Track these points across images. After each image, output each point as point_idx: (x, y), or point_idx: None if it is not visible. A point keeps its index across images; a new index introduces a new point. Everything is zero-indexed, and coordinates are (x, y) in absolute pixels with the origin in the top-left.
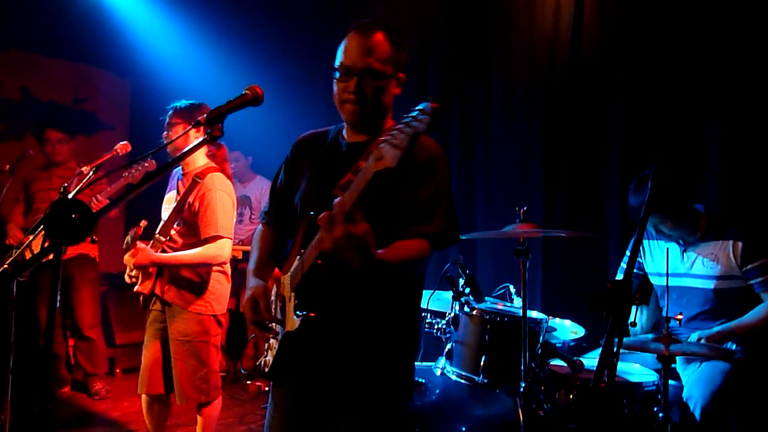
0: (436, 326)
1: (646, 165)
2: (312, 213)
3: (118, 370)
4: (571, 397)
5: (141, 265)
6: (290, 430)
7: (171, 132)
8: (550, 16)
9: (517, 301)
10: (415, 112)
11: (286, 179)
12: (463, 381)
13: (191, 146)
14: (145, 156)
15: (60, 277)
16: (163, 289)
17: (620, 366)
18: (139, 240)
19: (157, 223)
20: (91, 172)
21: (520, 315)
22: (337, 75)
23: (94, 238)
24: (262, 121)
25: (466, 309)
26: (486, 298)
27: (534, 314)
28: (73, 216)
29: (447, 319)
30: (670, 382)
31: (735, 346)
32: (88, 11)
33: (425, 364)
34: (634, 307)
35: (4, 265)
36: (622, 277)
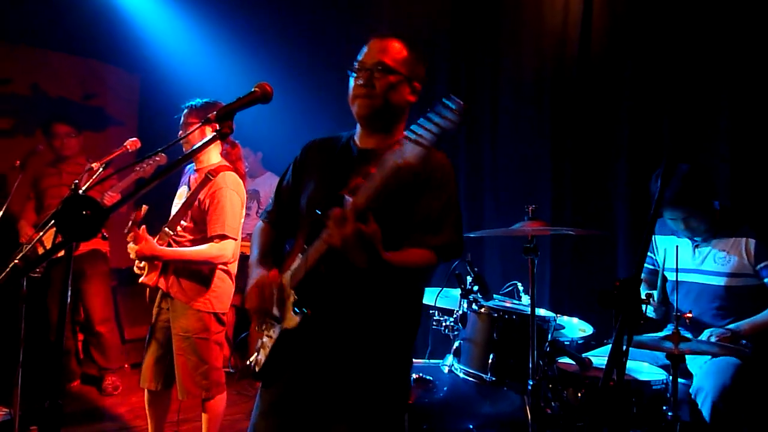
0: (444, 324)
1: (655, 162)
2: (318, 212)
3: (127, 365)
4: (580, 395)
5: (143, 256)
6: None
7: (186, 130)
8: (559, 14)
9: (525, 299)
10: (440, 108)
11: (294, 180)
12: (471, 379)
13: (201, 143)
14: (157, 152)
15: (71, 272)
16: (168, 283)
17: (629, 364)
18: (144, 229)
19: (168, 217)
20: (101, 168)
21: (528, 313)
22: (353, 75)
23: (105, 235)
24: (272, 118)
25: (474, 306)
26: (494, 295)
27: (542, 312)
28: (84, 212)
29: (455, 316)
30: (680, 380)
31: (745, 342)
32: (98, 7)
33: (433, 361)
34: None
35: (15, 261)
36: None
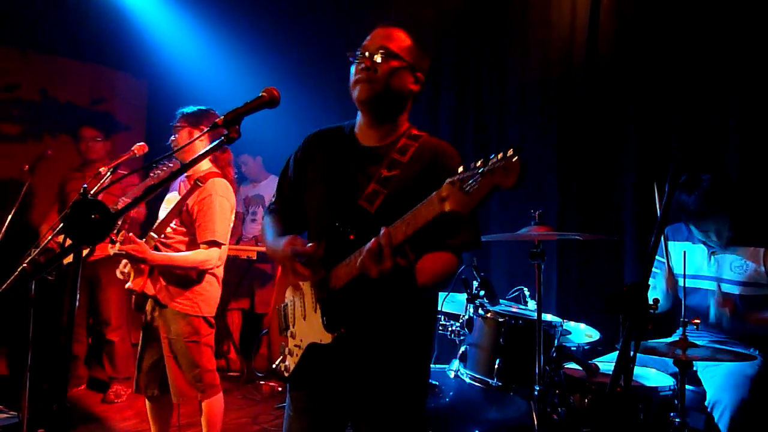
0: (450, 328)
1: (663, 166)
2: (338, 224)
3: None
4: (586, 401)
5: (134, 258)
6: (311, 431)
7: (177, 136)
8: (566, 18)
9: (532, 304)
10: (495, 160)
11: (296, 174)
12: (477, 384)
13: (207, 149)
14: (164, 157)
15: (79, 277)
16: (155, 288)
17: (636, 370)
18: (131, 234)
19: (154, 221)
20: (109, 173)
21: (535, 318)
22: (355, 60)
23: (114, 239)
24: (273, 122)
25: (481, 311)
26: (500, 300)
27: (548, 317)
28: (93, 216)
29: (461, 321)
30: (687, 386)
31: (753, 350)
32: (106, 13)
33: (439, 366)
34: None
35: (24, 265)
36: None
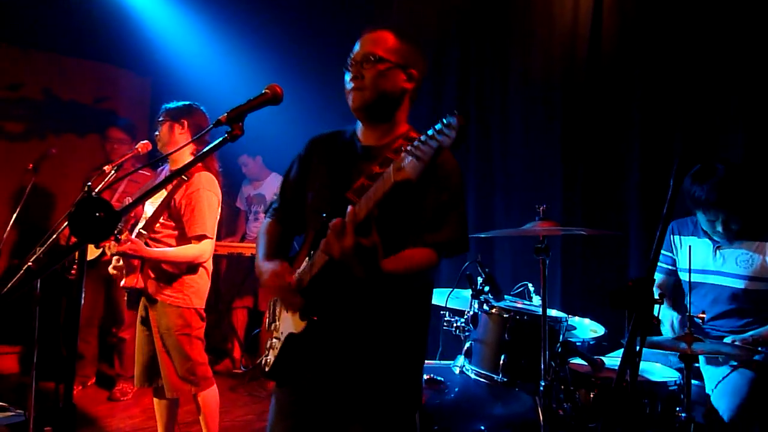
0: (455, 324)
1: (667, 161)
2: (324, 215)
3: None
4: (592, 396)
5: (130, 254)
6: None
7: (160, 130)
8: (569, 14)
9: (536, 299)
10: (440, 125)
11: (299, 176)
12: (482, 379)
13: (211, 145)
14: (164, 156)
15: (84, 275)
16: (146, 283)
17: (642, 365)
18: (126, 232)
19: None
20: (113, 171)
21: (540, 313)
22: (347, 72)
23: (119, 237)
24: (274, 120)
25: (485, 307)
26: (505, 296)
27: (553, 313)
28: (98, 214)
29: (466, 317)
30: (693, 381)
31: (761, 349)
32: (109, 11)
33: (444, 362)
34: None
35: (29, 263)
36: (661, 280)
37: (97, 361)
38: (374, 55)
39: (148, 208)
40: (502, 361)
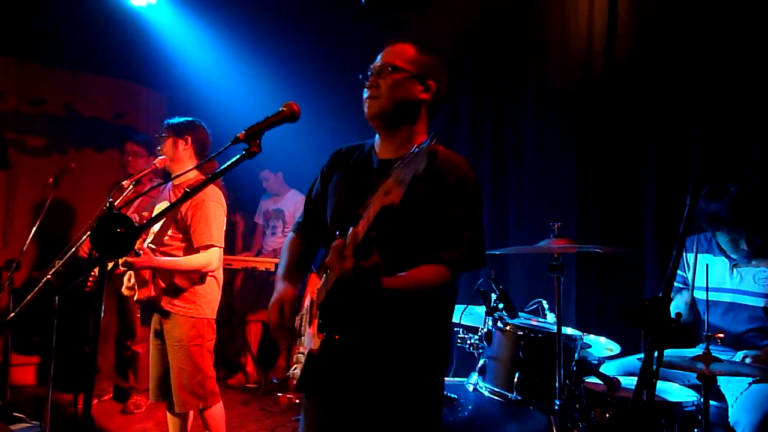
0: (468, 341)
1: (684, 177)
2: (338, 233)
3: None
4: (608, 416)
5: (141, 266)
6: None
7: (162, 146)
8: (584, 27)
9: (551, 317)
10: (415, 149)
11: (321, 189)
12: (496, 397)
13: (230, 162)
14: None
15: (104, 289)
16: (158, 296)
17: (659, 385)
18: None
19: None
20: (131, 186)
21: (554, 331)
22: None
23: (138, 251)
24: (295, 137)
25: (500, 324)
26: (519, 313)
27: (568, 330)
28: (119, 230)
29: (480, 334)
30: (712, 402)
31: None
32: (128, 29)
33: (457, 379)
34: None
35: (48, 276)
36: (679, 300)
37: (114, 374)
38: (391, 65)
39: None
40: (516, 379)
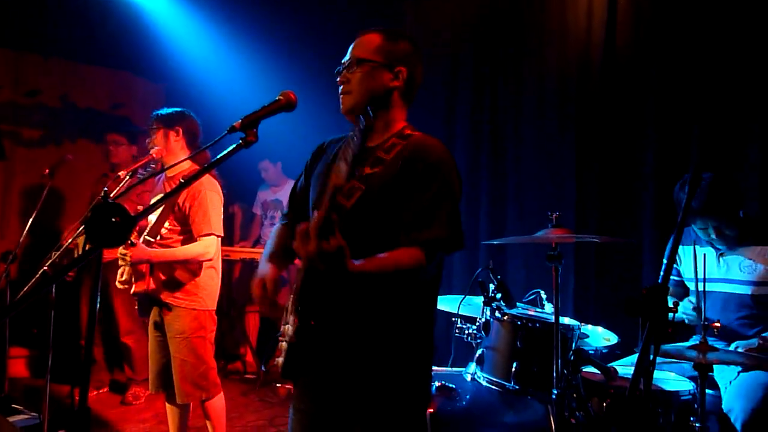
0: (466, 331)
1: (682, 168)
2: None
3: None
4: (605, 405)
5: (137, 260)
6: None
7: (153, 137)
8: (583, 23)
9: (548, 307)
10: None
11: (305, 183)
12: (494, 387)
13: (226, 151)
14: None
15: (100, 279)
16: (158, 288)
17: (655, 374)
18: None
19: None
20: (128, 176)
21: (552, 321)
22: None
23: (133, 241)
24: (293, 127)
25: (497, 314)
26: (517, 303)
27: (566, 320)
28: (114, 219)
29: (478, 324)
30: (708, 391)
31: None
32: (125, 20)
33: (456, 369)
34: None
35: (44, 268)
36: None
37: (107, 365)
38: (358, 58)
39: (152, 215)
40: (514, 369)
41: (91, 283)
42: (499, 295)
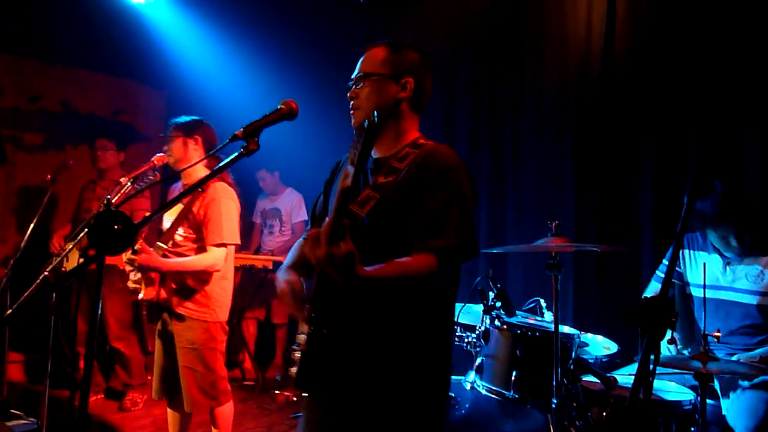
0: (466, 340)
1: (681, 176)
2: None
3: (150, 378)
4: (605, 414)
5: (146, 267)
6: None
7: (171, 146)
8: (582, 28)
9: (548, 316)
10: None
11: (324, 198)
12: (493, 396)
13: (227, 160)
14: (178, 173)
15: (102, 286)
16: (169, 297)
17: (656, 383)
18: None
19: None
20: (129, 183)
21: (552, 330)
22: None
23: (136, 249)
24: (291, 136)
25: (497, 323)
26: (517, 312)
27: (566, 329)
28: (116, 227)
29: (477, 332)
30: (708, 401)
31: None
32: (127, 27)
33: (455, 377)
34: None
35: (45, 273)
36: (658, 290)
37: (100, 369)
38: (364, 73)
39: (165, 222)
40: (513, 378)
41: (94, 289)
42: (498, 304)
